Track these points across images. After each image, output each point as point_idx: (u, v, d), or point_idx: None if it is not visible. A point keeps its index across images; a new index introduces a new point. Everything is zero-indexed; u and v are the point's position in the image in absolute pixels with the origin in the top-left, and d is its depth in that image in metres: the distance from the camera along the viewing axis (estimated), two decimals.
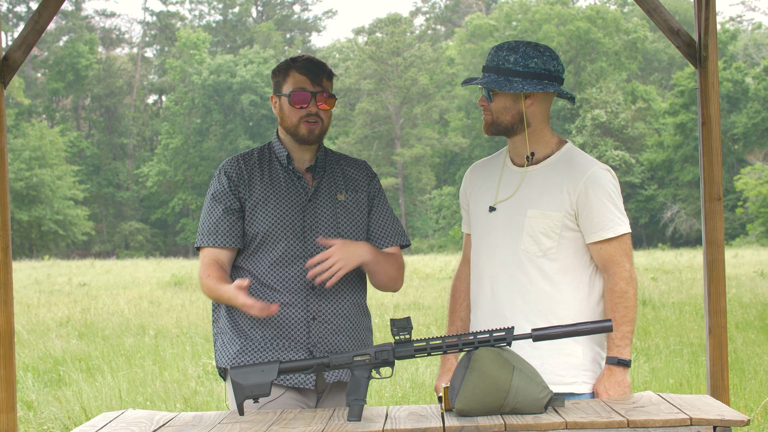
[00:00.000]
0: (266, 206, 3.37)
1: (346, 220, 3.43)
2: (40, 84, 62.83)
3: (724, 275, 4.40)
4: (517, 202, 3.33)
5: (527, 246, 3.27)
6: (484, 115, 3.36)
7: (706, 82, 4.41)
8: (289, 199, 3.38)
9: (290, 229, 3.36)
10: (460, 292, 3.58)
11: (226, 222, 3.35)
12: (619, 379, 3.18)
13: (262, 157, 3.46)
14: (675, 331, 11.83)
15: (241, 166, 3.42)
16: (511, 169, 3.41)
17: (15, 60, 4.37)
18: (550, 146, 3.37)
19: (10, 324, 4.26)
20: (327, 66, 3.44)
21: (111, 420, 3.07)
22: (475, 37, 60.12)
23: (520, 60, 3.26)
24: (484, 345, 2.87)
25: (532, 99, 3.31)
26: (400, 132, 57.72)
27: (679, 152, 52.10)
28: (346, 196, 3.45)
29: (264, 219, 3.35)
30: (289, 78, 3.40)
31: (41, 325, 14.26)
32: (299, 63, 3.41)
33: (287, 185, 3.41)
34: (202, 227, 3.41)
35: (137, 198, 60.48)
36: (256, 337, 3.34)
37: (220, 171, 3.43)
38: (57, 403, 8.19)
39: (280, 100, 3.42)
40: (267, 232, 3.35)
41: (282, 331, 3.33)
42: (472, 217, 3.50)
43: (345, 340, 3.40)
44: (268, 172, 3.42)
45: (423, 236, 54.21)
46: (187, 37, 61.48)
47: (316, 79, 3.38)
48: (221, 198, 3.38)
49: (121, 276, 27.82)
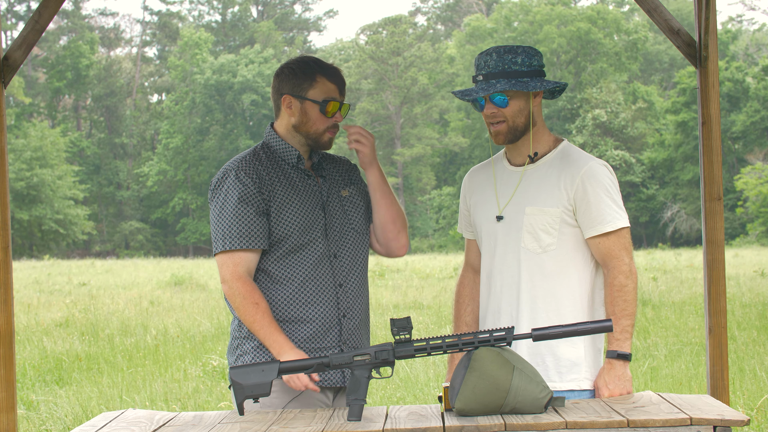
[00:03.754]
0: (291, 208, 3.33)
1: (355, 215, 3.47)
2: (41, 84, 62.84)
3: (724, 275, 4.40)
4: (517, 201, 3.33)
5: (527, 243, 3.28)
6: (497, 124, 3.30)
7: (706, 82, 4.40)
8: (310, 200, 3.38)
9: (318, 230, 3.36)
10: (465, 297, 3.58)
11: (259, 223, 3.29)
12: (620, 373, 3.19)
13: (269, 157, 3.41)
14: (675, 331, 11.83)
15: (258, 166, 3.36)
16: (509, 170, 3.40)
17: (15, 60, 4.37)
18: (548, 144, 3.38)
19: (10, 324, 4.26)
20: None
21: (111, 420, 3.07)
22: (474, 38, 60.11)
23: (526, 60, 3.27)
24: (484, 345, 2.87)
25: (539, 97, 3.32)
26: (400, 132, 57.72)
27: (679, 151, 52.09)
28: (348, 191, 3.49)
29: (292, 221, 3.32)
30: (318, 84, 3.37)
31: (41, 325, 14.26)
32: (329, 70, 3.39)
33: (303, 186, 3.39)
34: (230, 229, 3.28)
35: (137, 198, 60.48)
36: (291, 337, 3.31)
37: (239, 172, 3.33)
38: (57, 403, 8.19)
39: (305, 104, 3.37)
40: (298, 234, 3.32)
41: (317, 331, 3.32)
42: (478, 225, 3.48)
43: (366, 335, 3.47)
44: (281, 172, 3.38)
45: (423, 236, 54.19)
46: (189, 37, 61.49)
47: (342, 90, 3.42)
48: (250, 199, 3.29)
49: (121, 276, 27.82)
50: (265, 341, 3.21)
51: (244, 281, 3.26)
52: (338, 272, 3.38)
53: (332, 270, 3.37)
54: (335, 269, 3.37)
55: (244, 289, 3.24)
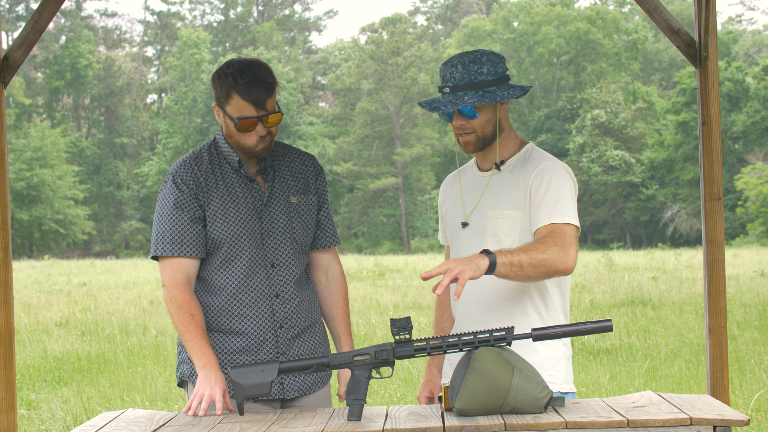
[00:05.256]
0: (226, 215, 3.28)
1: (299, 224, 3.38)
2: (40, 84, 62.85)
3: (724, 275, 4.40)
4: (481, 206, 3.34)
5: (490, 247, 3.26)
6: (465, 135, 3.28)
7: (706, 82, 4.41)
8: (246, 206, 3.30)
9: (251, 236, 3.30)
10: (443, 303, 3.62)
11: (194, 231, 3.26)
12: (474, 258, 2.95)
13: (212, 160, 3.34)
14: (675, 331, 11.83)
15: (196, 172, 3.30)
16: (477, 176, 3.41)
17: (15, 60, 4.37)
18: (514, 148, 3.37)
19: (10, 324, 4.26)
20: (268, 78, 3.23)
21: (111, 420, 3.07)
22: (474, 39, 60.12)
23: (491, 69, 3.24)
24: (484, 345, 2.88)
25: (506, 104, 3.31)
26: (400, 132, 57.74)
27: (679, 151, 52.11)
28: (298, 199, 3.39)
29: (226, 228, 3.28)
30: (232, 101, 3.21)
31: (41, 325, 14.26)
32: (241, 86, 3.18)
33: (242, 191, 3.32)
34: (164, 235, 3.26)
35: (137, 197, 60.51)
36: (227, 347, 3.32)
37: (176, 177, 3.29)
38: (57, 403, 8.19)
39: (225, 117, 3.28)
40: (231, 241, 3.28)
41: (252, 344, 3.31)
42: (448, 232, 3.51)
43: (308, 346, 3.41)
44: (221, 177, 3.32)
45: (423, 236, 54.21)
46: (188, 37, 61.52)
47: (259, 103, 3.20)
48: (185, 206, 3.26)
49: (121, 276, 27.83)
50: (192, 352, 3.19)
51: (182, 289, 3.23)
52: (275, 282, 3.32)
53: (268, 279, 3.31)
54: (271, 279, 3.32)
55: (181, 298, 3.22)
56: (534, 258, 3.00)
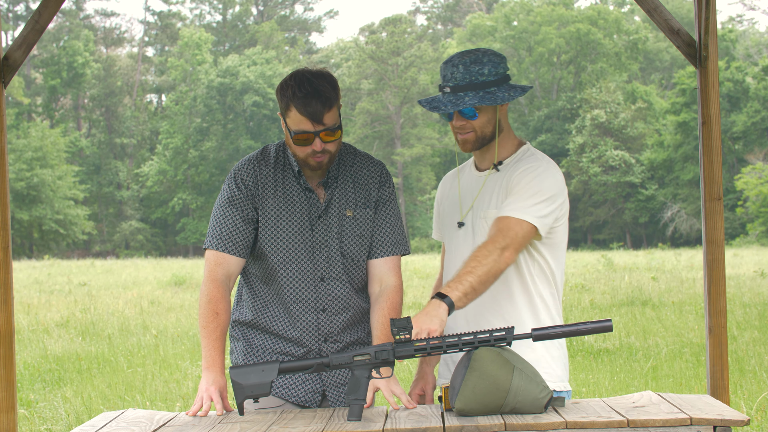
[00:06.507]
0: (278, 221, 3.26)
1: (351, 237, 3.31)
2: (38, 84, 62.85)
3: (724, 275, 4.40)
4: (477, 207, 3.35)
5: None
6: (464, 134, 3.28)
7: (706, 82, 4.40)
8: (300, 215, 3.28)
9: (301, 247, 3.27)
10: None
11: (243, 230, 3.25)
12: (429, 310, 2.97)
13: (277, 162, 3.32)
14: (675, 331, 11.83)
15: (257, 172, 3.28)
16: (475, 175, 3.41)
17: (15, 60, 4.37)
18: (511, 149, 3.37)
19: (10, 324, 4.26)
20: (327, 92, 3.14)
21: (111, 420, 3.07)
22: (476, 37, 60.12)
23: (492, 69, 3.23)
24: (484, 345, 2.87)
25: (506, 104, 3.31)
26: (400, 132, 57.75)
27: (679, 151, 52.12)
28: (354, 213, 3.32)
29: (276, 234, 3.26)
30: (291, 113, 3.16)
31: (41, 325, 14.26)
32: (299, 99, 3.12)
33: (299, 199, 3.29)
34: (215, 229, 3.27)
35: (137, 198, 60.51)
36: (279, 349, 3.31)
37: (237, 175, 3.29)
38: (57, 403, 8.19)
39: (286, 128, 3.26)
40: (279, 248, 3.26)
41: (299, 349, 3.30)
42: (444, 232, 3.51)
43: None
44: (282, 181, 3.29)
45: (423, 236, 54.20)
46: (189, 37, 61.51)
47: (316, 118, 3.12)
48: (239, 204, 3.26)
49: (121, 276, 27.83)
50: (202, 350, 3.21)
51: (217, 285, 3.23)
52: (322, 296, 3.28)
53: (316, 293, 3.28)
54: (319, 292, 3.28)
55: (213, 293, 3.22)
56: (480, 274, 3.01)
